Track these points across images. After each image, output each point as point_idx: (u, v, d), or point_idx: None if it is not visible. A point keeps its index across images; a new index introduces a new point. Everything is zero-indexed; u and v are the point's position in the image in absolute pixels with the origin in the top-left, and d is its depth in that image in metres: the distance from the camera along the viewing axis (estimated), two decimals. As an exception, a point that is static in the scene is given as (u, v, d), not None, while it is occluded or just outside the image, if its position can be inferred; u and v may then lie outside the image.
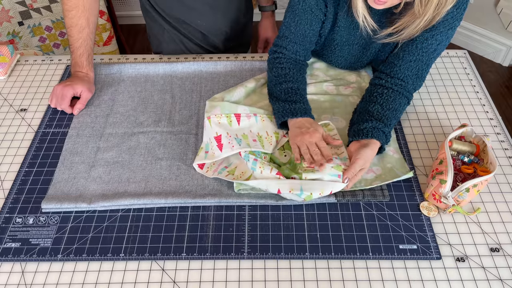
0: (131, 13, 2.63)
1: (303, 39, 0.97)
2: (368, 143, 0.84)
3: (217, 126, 0.91)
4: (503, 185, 0.87)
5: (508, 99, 2.21)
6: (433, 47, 0.89)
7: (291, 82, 0.95)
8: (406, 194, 0.85)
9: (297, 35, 0.96)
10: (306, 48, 0.99)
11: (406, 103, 0.93)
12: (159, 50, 1.24)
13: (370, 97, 0.93)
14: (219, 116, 0.92)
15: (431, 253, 0.76)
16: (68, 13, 1.01)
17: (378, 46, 0.98)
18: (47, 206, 0.82)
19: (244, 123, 0.93)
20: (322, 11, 0.94)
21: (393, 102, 0.90)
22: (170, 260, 0.76)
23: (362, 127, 0.87)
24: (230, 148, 0.86)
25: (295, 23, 0.95)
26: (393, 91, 0.91)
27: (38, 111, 1.03)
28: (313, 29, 0.96)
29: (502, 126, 0.99)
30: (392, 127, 0.90)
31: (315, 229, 0.80)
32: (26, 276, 0.75)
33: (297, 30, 0.95)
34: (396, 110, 0.90)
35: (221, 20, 1.18)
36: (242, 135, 0.90)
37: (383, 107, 0.89)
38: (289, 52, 0.98)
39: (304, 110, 0.91)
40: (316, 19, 0.94)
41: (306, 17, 0.93)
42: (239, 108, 0.95)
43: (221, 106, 0.95)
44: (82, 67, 1.04)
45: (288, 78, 0.96)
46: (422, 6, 0.76)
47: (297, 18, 0.94)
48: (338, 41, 1.00)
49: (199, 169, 0.88)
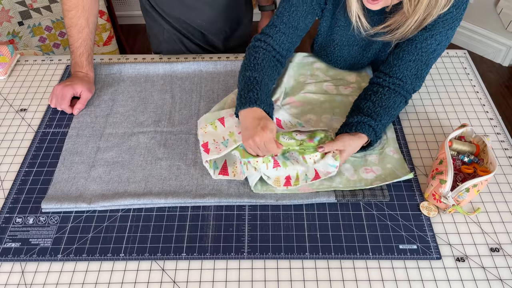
0: (131, 13, 2.63)
1: (292, 31, 0.94)
2: (354, 136, 0.86)
3: (203, 136, 0.91)
4: (503, 185, 0.87)
5: (508, 99, 2.21)
6: (433, 47, 0.89)
7: (255, 71, 0.89)
8: (406, 194, 0.85)
9: (288, 26, 0.93)
10: (292, 42, 0.96)
11: (403, 102, 0.93)
12: (159, 50, 1.24)
13: (365, 95, 0.93)
14: (204, 127, 0.92)
15: (431, 253, 0.76)
16: (67, 13, 1.01)
17: (378, 47, 0.98)
18: (47, 206, 0.82)
19: (228, 122, 0.91)
20: (320, 6, 0.93)
21: (386, 100, 0.90)
22: (170, 260, 0.76)
23: (349, 121, 0.88)
24: (217, 152, 0.85)
25: (290, 13, 0.92)
26: (389, 89, 0.91)
27: (38, 111, 1.03)
28: (306, 23, 0.94)
29: (502, 126, 0.99)
30: (385, 124, 0.89)
31: (315, 229, 0.80)
32: (26, 276, 0.75)
33: (289, 21, 0.93)
34: (389, 107, 0.90)
35: (221, 20, 1.18)
36: (228, 133, 0.89)
37: (374, 104, 0.89)
38: (273, 42, 0.94)
39: (255, 99, 0.83)
40: (312, 13, 0.93)
41: (304, 9, 0.92)
42: (222, 112, 0.94)
43: (205, 119, 0.95)
44: (82, 67, 1.04)
45: (254, 67, 0.89)
46: (412, 6, 0.77)
47: (293, 8, 0.92)
48: (337, 42, 1.00)
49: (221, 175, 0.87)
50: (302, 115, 0.98)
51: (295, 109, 1.00)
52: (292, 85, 1.06)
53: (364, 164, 0.89)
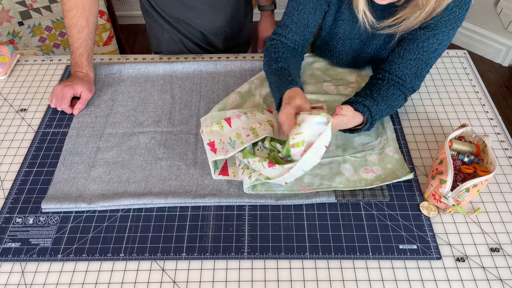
0: (131, 13, 2.63)
1: (304, 29, 0.96)
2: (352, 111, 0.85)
3: (209, 134, 0.90)
4: (503, 185, 0.87)
5: (508, 99, 2.21)
6: (434, 46, 0.89)
7: (282, 62, 0.93)
8: (406, 194, 0.85)
9: (299, 25, 0.95)
10: (305, 39, 0.98)
11: (402, 97, 0.92)
12: (159, 50, 1.24)
13: (363, 88, 0.94)
14: (210, 125, 0.91)
15: (431, 253, 0.76)
16: (67, 13, 1.01)
17: (379, 42, 0.98)
18: (47, 206, 0.82)
19: (235, 124, 0.91)
20: (326, 1, 0.94)
21: (385, 90, 0.90)
22: (170, 260, 0.76)
23: (344, 101, 0.89)
24: (224, 152, 0.85)
25: (298, 11, 0.94)
26: (388, 83, 0.91)
27: (38, 111, 1.03)
28: (316, 19, 0.95)
29: (502, 126, 0.99)
30: (381, 110, 0.88)
31: (315, 229, 0.80)
32: (26, 276, 0.75)
33: (299, 19, 0.94)
34: (387, 96, 0.90)
35: (220, 20, 1.18)
36: (235, 135, 0.89)
37: (372, 91, 0.90)
38: (287, 41, 0.97)
39: (290, 81, 0.88)
40: (320, 8, 0.94)
41: (311, 6, 0.93)
42: (228, 113, 0.94)
43: (210, 117, 0.94)
44: (82, 67, 1.04)
45: (280, 60, 0.94)
46: None
47: (301, 6, 0.93)
48: (340, 35, 1.00)
49: (222, 176, 0.87)
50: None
51: (295, 109, 1.00)
52: (292, 85, 1.06)
53: (364, 164, 0.89)
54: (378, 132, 0.95)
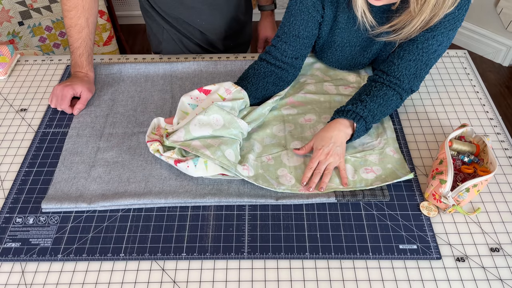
0: (131, 13, 2.63)
1: (294, 40, 0.96)
2: (329, 125, 0.89)
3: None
4: (503, 185, 0.87)
5: (508, 99, 2.21)
6: (434, 47, 0.89)
7: (243, 80, 0.97)
8: (406, 194, 0.85)
9: (289, 35, 0.96)
10: (296, 50, 0.98)
11: (396, 97, 0.93)
12: (158, 50, 1.24)
13: (359, 89, 0.95)
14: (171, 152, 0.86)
15: (431, 253, 0.76)
16: (67, 13, 1.01)
17: (379, 47, 0.98)
18: (47, 206, 0.82)
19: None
20: (319, 13, 0.94)
21: (376, 91, 0.91)
22: (170, 260, 0.76)
23: (335, 110, 0.92)
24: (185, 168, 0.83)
25: (289, 23, 0.95)
26: (384, 85, 0.92)
27: (38, 111, 1.03)
28: (308, 30, 0.96)
29: (502, 126, 0.99)
30: (371, 109, 0.89)
31: (315, 229, 0.80)
32: (26, 276, 0.75)
33: (290, 30, 0.96)
34: (377, 96, 0.90)
35: (220, 19, 1.18)
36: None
37: (360, 94, 0.92)
38: (276, 51, 0.98)
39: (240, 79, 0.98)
40: (312, 20, 0.95)
41: (302, 18, 0.94)
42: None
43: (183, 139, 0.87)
44: (82, 67, 1.04)
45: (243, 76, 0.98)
46: (418, 5, 0.77)
47: (292, 18, 0.95)
48: (339, 43, 1.00)
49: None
50: (302, 115, 0.98)
51: (295, 109, 1.00)
52: (292, 85, 1.06)
53: (364, 164, 0.89)
54: (378, 132, 0.95)
